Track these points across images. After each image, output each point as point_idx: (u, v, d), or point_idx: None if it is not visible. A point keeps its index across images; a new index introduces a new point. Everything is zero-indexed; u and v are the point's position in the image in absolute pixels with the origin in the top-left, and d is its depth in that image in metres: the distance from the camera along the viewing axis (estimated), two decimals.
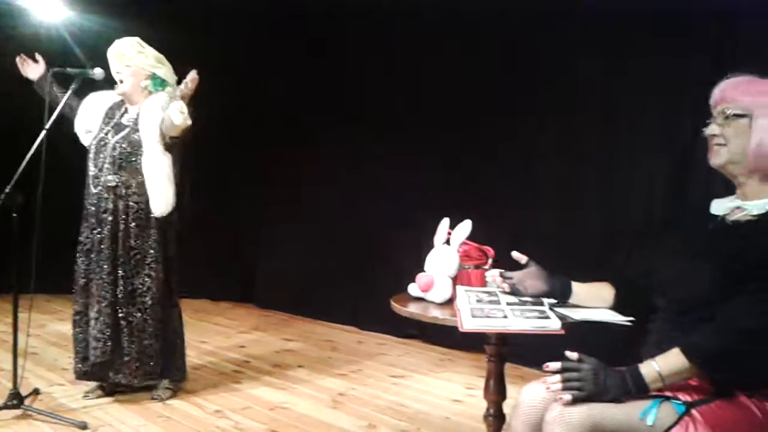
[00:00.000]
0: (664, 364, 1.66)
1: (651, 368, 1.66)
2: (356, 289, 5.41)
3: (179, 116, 3.28)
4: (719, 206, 1.90)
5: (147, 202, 3.45)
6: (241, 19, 5.86)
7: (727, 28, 3.60)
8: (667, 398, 1.66)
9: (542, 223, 4.35)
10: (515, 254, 2.11)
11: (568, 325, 1.85)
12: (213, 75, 5.87)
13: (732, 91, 1.81)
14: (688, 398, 1.67)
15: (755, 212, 1.80)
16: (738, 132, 1.79)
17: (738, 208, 1.85)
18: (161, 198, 3.44)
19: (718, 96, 1.84)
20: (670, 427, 1.62)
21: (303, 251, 5.81)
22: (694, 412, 1.63)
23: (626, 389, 1.65)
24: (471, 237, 2.32)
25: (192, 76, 3.28)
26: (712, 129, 1.84)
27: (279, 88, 5.99)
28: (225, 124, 6.01)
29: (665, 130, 3.84)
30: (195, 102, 3.39)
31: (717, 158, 1.84)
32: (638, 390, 1.65)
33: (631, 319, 1.95)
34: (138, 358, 3.46)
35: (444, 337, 4.69)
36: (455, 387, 4.01)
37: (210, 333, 5.23)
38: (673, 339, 1.78)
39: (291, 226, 5.93)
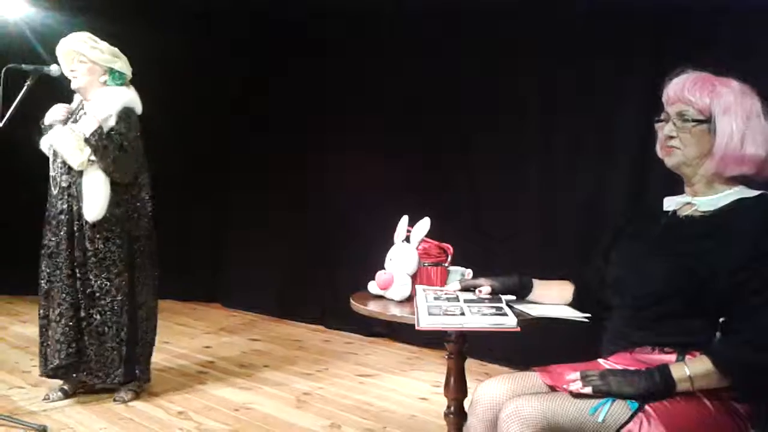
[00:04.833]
0: (693, 367, 1.64)
1: (681, 370, 1.65)
2: (323, 288, 5.39)
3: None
4: (670, 202, 1.91)
5: None
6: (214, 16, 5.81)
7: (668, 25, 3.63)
8: None
9: (509, 222, 4.37)
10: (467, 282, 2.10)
11: (525, 322, 1.85)
12: (181, 74, 5.84)
13: (689, 92, 1.76)
14: None
15: (704, 209, 1.80)
16: (697, 139, 1.77)
17: (688, 203, 1.85)
18: (92, 202, 3.33)
19: (672, 94, 1.80)
20: (624, 424, 1.62)
21: (270, 251, 5.78)
22: (647, 407, 1.63)
23: (654, 383, 1.64)
24: (434, 235, 2.30)
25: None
26: (669, 129, 1.81)
27: (237, 88, 5.98)
28: (193, 125, 5.97)
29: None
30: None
31: (671, 159, 1.83)
32: (665, 387, 1.63)
33: (588, 315, 1.96)
34: (98, 360, 3.42)
35: (412, 335, 4.68)
36: (422, 385, 4.01)
37: (175, 334, 5.17)
38: (627, 336, 1.80)
39: (258, 225, 5.89)
